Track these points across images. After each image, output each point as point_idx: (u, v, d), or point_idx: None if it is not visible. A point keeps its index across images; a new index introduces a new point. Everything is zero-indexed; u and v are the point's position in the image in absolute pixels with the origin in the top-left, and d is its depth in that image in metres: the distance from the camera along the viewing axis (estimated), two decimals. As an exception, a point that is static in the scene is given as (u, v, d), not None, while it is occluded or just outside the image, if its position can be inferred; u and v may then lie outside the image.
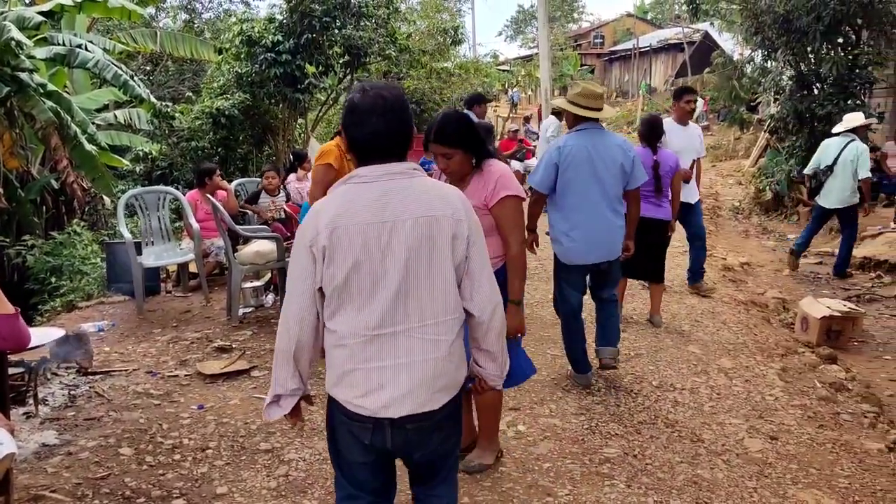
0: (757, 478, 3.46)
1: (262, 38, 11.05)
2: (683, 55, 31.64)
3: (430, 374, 1.98)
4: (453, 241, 1.97)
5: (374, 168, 1.97)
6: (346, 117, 2.02)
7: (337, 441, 2.10)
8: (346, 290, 1.94)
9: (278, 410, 2.13)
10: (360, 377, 1.96)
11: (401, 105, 2.00)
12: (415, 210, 1.94)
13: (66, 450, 3.62)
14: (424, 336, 1.97)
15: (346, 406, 2.00)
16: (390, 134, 1.98)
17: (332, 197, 2.00)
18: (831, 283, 8.20)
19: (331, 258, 1.92)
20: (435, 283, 1.97)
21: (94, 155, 8.75)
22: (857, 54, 11.20)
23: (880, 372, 5.49)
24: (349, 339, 1.96)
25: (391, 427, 1.98)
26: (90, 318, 6.17)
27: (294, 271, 1.99)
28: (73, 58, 8.63)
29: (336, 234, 1.90)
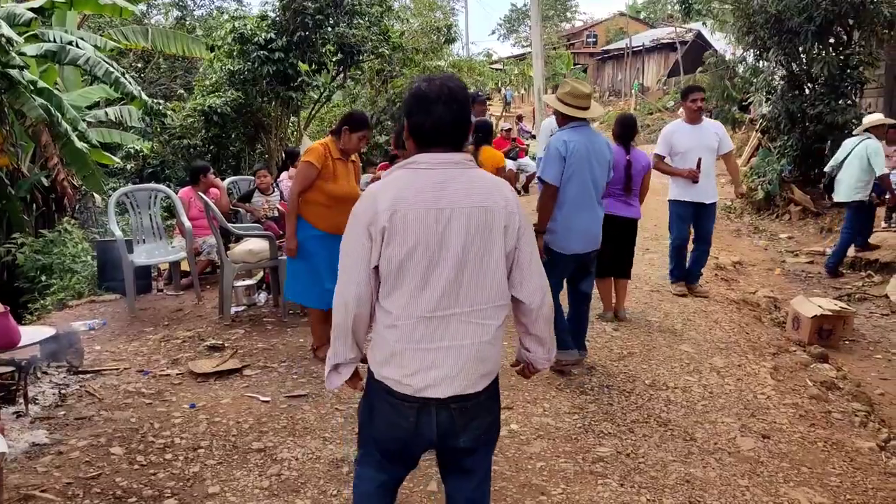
0: (749, 476, 3.47)
1: (255, 36, 11.01)
2: (676, 55, 31.70)
3: (477, 357, 2.05)
4: (505, 231, 2.04)
5: (433, 156, 2.04)
6: (411, 104, 2.08)
7: (374, 422, 2.15)
8: (403, 272, 1.99)
9: (338, 378, 2.20)
10: (410, 357, 2.01)
11: (464, 96, 2.08)
12: (471, 200, 2.01)
13: (56, 449, 3.59)
14: (474, 320, 2.04)
15: (391, 386, 2.05)
16: (453, 123, 2.05)
17: (390, 180, 2.05)
18: (822, 282, 8.24)
19: (389, 240, 1.97)
20: (487, 270, 2.03)
21: (85, 152, 8.69)
22: (849, 55, 11.25)
23: (871, 371, 5.52)
24: (403, 320, 2.01)
25: (437, 408, 2.03)
26: (81, 316, 6.14)
27: (350, 250, 2.04)
28: (64, 55, 8.58)
29: (396, 217, 1.96)
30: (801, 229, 11.31)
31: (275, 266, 6.02)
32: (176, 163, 11.76)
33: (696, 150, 6.26)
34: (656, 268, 7.80)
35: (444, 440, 2.10)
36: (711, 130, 6.38)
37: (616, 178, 5.48)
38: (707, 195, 6.35)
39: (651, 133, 26.98)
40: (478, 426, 2.12)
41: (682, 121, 6.45)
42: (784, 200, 12.39)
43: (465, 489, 2.26)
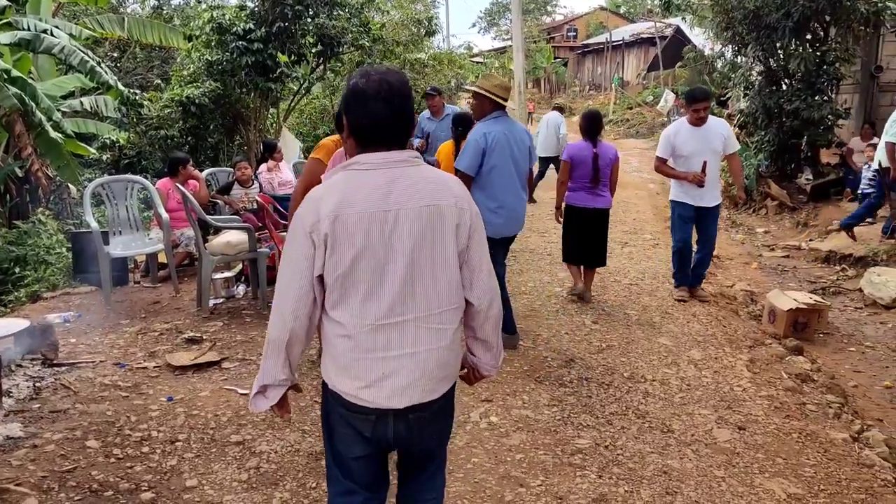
0: (725, 467, 3.52)
1: (234, 26, 10.88)
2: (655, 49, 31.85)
3: (435, 364, 1.97)
4: (457, 230, 1.95)
5: (376, 155, 1.93)
6: (348, 102, 1.96)
7: (334, 435, 2.07)
8: (350, 279, 1.89)
9: (265, 402, 2.08)
10: (364, 367, 1.93)
11: (405, 91, 1.96)
12: (419, 199, 1.91)
13: (31, 442, 3.55)
14: (429, 325, 1.96)
15: (346, 398, 1.97)
16: (394, 120, 1.93)
17: (332, 183, 1.94)
18: (798, 275, 8.34)
19: (333, 246, 1.87)
20: (440, 271, 1.95)
21: (60, 142, 8.55)
22: (825, 51, 11.37)
23: (844, 363, 5.60)
24: (354, 329, 1.91)
25: (394, 417, 1.97)
26: (55, 308, 6.05)
27: (291, 259, 1.93)
28: (39, 43, 8.42)
29: (339, 222, 1.85)
30: (778, 224, 11.44)
31: (253, 258, 5.97)
32: (153, 154, 11.60)
33: (701, 153, 6.01)
34: (635, 261, 7.86)
35: (399, 446, 2.07)
36: (716, 132, 6.08)
37: (584, 171, 5.92)
38: (709, 199, 6.15)
39: (630, 128, 27.17)
40: (433, 431, 2.09)
41: (686, 121, 6.16)
42: (761, 195, 12.52)
43: (419, 480, 2.24)
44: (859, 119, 12.59)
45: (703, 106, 5.96)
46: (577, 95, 37.87)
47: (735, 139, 6.20)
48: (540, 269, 7.07)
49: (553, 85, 41.90)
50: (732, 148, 6.13)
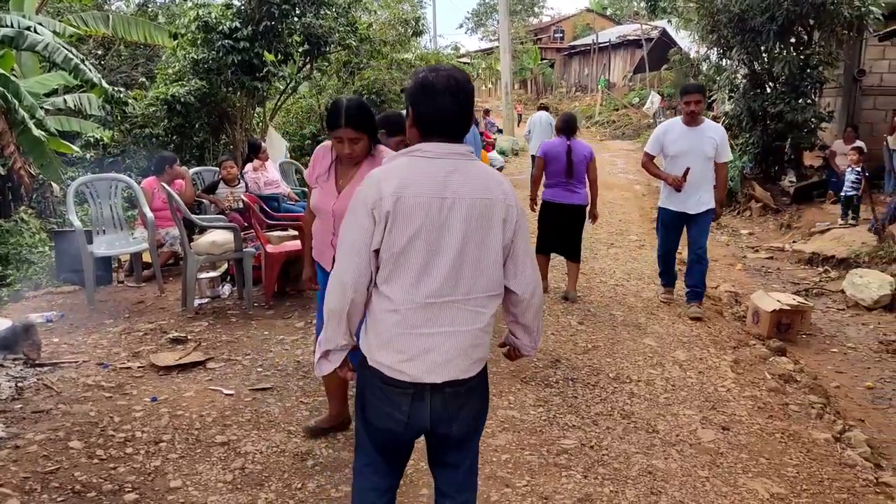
0: (709, 467, 3.54)
1: (220, 25, 10.81)
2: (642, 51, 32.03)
3: (471, 344, 2.09)
4: (504, 224, 2.08)
5: (438, 145, 2.06)
6: (416, 93, 2.08)
7: (368, 409, 2.16)
8: (403, 257, 2.01)
9: (329, 365, 2.19)
10: (407, 342, 2.04)
11: (469, 88, 2.10)
12: (473, 191, 2.04)
13: (13, 443, 3.51)
14: (470, 308, 2.08)
15: (386, 372, 2.07)
16: (458, 114, 2.07)
17: (394, 166, 2.06)
18: (781, 277, 8.42)
19: (392, 224, 1.98)
20: (485, 260, 2.07)
21: (43, 140, 8.46)
22: (809, 54, 11.48)
23: (827, 364, 5.66)
24: (403, 305, 2.03)
25: (431, 392, 2.07)
26: (38, 308, 5.99)
27: (352, 232, 2.04)
28: (22, 40, 8.33)
29: (400, 203, 1.97)
30: (762, 225, 11.54)
31: (239, 258, 5.94)
32: (137, 152, 11.51)
33: (688, 155, 5.75)
34: (620, 262, 7.89)
35: (436, 426, 2.12)
36: (709, 136, 5.75)
37: (559, 167, 6.13)
38: (692, 205, 5.85)
39: (616, 129, 27.28)
40: (468, 412, 2.16)
41: (680, 120, 5.93)
42: (745, 197, 12.62)
43: (454, 478, 2.28)
44: (842, 122, 12.72)
45: (694, 99, 5.70)
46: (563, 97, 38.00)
47: (728, 148, 5.92)
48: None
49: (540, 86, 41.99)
50: (724, 157, 5.83)
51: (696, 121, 5.80)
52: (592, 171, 6.25)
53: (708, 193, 5.86)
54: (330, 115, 3.14)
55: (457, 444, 2.22)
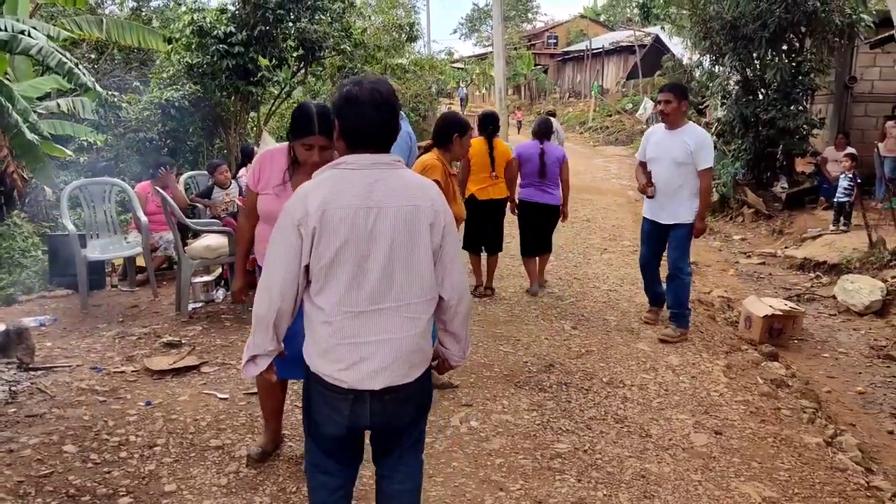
0: (702, 471, 3.56)
1: (214, 29, 10.83)
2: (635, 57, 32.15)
3: (408, 349, 2.13)
4: (431, 229, 2.12)
5: (363, 157, 2.10)
6: (342, 107, 2.12)
7: (313, 412, 2.23)
8: (333, 268, 2.05)
9: (255, 368, 2.24)
10: (343, 352, 2.09)
11: (394, 100, 2.15)
12: (399, 199, 2.08)
13: (6, 447, 3.50)
14: (404, 314, 2.12)
15: (326, 379, 2.12)
16: (383, 126, 2.11)
17: (320, 180, 2.11)
18: (773, 282, 8.46)
19: (319, 238, 2.03)
20: (414, 266, 2.11)
21: (36, 144, 8.43)
22: (801, 61, 11.57)
23: (818, 369, 5.70)
24: (335, 315, 2.08)
25: (371, 398, 2.12)
26: (31, 312, 5.97)
27: (278, 248, 2.09)
28: (16, 44, 8.31)
29: (326, 216, 2.02)
30: (754, 231, 11.60)
31: (233, 262, 5.93)
32: (131, 156, 11.49)
33: (660, 160, 5.44)
34: (614, 268, 7.92)
35: (376, 425, 2.20)
36: (683, 139, 5.29)
37: (532, 168, 6.54)
38: (664, 216, 5.49)
39: (610, 135, 27.36)
40: (408, 412, 2.23)
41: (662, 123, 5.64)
42: (738, 203, 12.68)
43: (397, 468, 2.35)
44: (833, 129, 12.81)
45: (663, 98, 5.35)
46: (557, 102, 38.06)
47: (707, 154, 5.29)
48: (520, 275, 7.11)
49: (533, 92, 42.11)
50: (701, 163, 5.27)
51: (674, 123, 5.38)
52: (565, 173, 6.65)
53: (684, 205, 5.39)
54: (299, 121, 3.03)
55: (395, 436, 2.29)
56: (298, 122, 3.04)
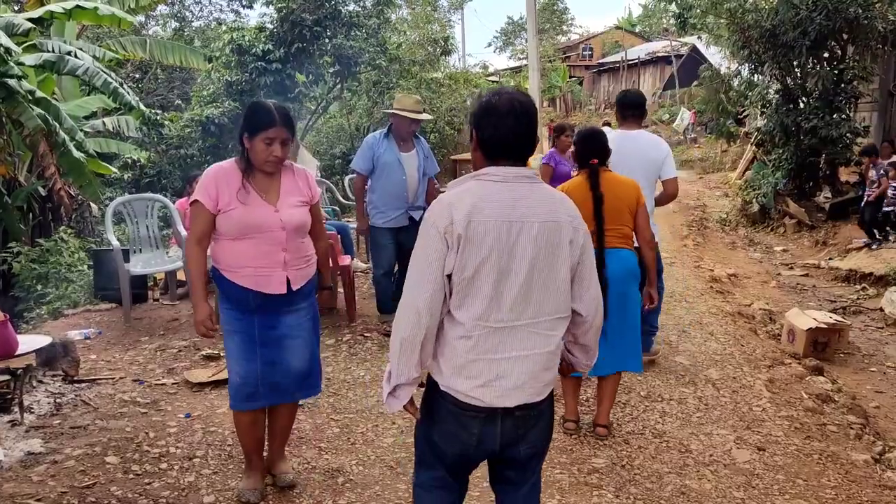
0: (744, 488, 3.48)
1: (253, 47, 11.06)
2: (671, 68, 31.91)
3: (542, 367, 2.09)
4: (570, 246, 2.08)
5: (505, 169, 2.06)
6: (480, 117, 2.09)
7: (436, 431, 2.16)
8: (475, 282, 2.00)
9: (397, 402, 2.15)
10: (481, 367, 2.04)
11: (533, 110, 2.10)
12: (541, 214, 2.04)
13: (51, 458, 3.58)
14: (540, 331, 2.08)
15: (458, 397, 2.06)
16: (522, 137, 2.07)
17: (463, 190, 2.05)
18: (817, 294, 8.27)
19: (464, 248, 1.98)
20: (553, 282, 2.07)
21: (83, 162, 8.68)
22: (843, 69, 11.34)
23: (866, 383, 5.54)
24: (475, 330, 2.03)
25: (503, 416, 2.07)
26: (76, 325, 6.12)
27: (424, 257, 2.02)
28: (63, 65, 8.59)
29: (472, 226, 1.98)
30: (796, 242, 11.37)
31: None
32: (173, 172, 11.76)
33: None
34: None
35: (504, 449, 2.14)
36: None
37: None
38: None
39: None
40: (536, 434, 2.17)
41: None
42: (779, 213, 12.46)
43: (516, 496, 2.29)
44: (878, 137, 12.51)
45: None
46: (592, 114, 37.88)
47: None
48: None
49: (568, 104, 41.96)
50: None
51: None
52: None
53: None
54: (257, 115, 2.93)
55: (522, 465, 2.22)
56: (257, 115, 2.94)
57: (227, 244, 3.03)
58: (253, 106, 2.99)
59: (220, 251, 3.06)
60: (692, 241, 10.97)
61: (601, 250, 3.68)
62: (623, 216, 3.85)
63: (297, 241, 3.09)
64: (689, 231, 11.78)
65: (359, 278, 7.45)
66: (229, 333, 3.11)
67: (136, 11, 11.00)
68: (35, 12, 8.69)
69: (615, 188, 3.84)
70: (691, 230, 11.91)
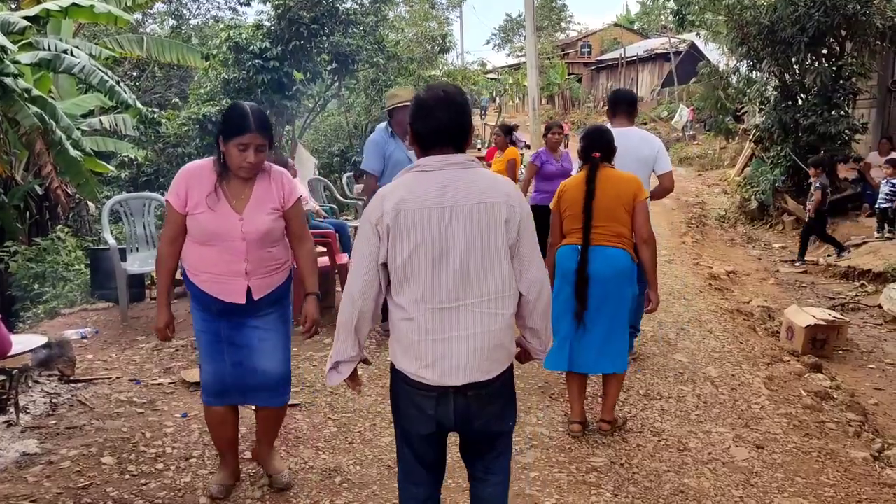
0: (743, 486, 3.47)
1: (250, 45, 11.04)
2: (670, 65, 31.87)
3: (490, 345, 2.18)
4: (506, 225, 2.16)
5: (436, 158, 2.18)
6: (413, 112, 2.22)
7: (400, 412, 2.29)
8: (410, 267, 2.13)
9: (338, 376, 2.31)
10: (425, 348, 2.15)
11: (462, 100, 2.22)
12: (473, 196, 2.14)
13: (47, 459, 3.56)
14: (485, 310, 2.17)
15: (410, 377, 2.19)
16: (451, 126, 2.18)
17: (397, 183, 2.20)
18: (816, 291, 8.26)
19: (395, 237, 2.11)
20: (492, 262, 2.16)
21: (79, 160, 8.66)
22: (841, 66, 11.31)
23: (864, 381, 5.53)
24: (416, 312, 2.14)
25: (454, 395, 2.17)
26: (73, 325, 6.10)
27: (359, 248, 2.18)
28: (59, 63, 8.56)
29: (401, 216, 2.10)
30: (795, 239, 11.33)
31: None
32: (170, 171, 11.73)
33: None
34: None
35: (461, 425, 2.24)
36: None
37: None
38: None
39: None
40: (493, 411, 2.26)
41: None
42: (777, 210, 12.44)
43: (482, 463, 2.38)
44: (877, 134, 12.49)
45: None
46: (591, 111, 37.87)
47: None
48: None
49: (567, 101, 41.92)
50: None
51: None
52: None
53: None
54: (232, 120, 2.82)
55: (485, 440, 2.32)
56: (232, 120, 2.83)
57: (194, 247, 2.99)
58: (229, 109, 2.90)
59: (187, 253, 3.03)
60: (691, 238, 10.96)
61: (585, 248, 3.67)
62: (617, 214, 3.74)
63: (262, 250, 2.96)
64: (687, 228, 11.77)
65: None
66: (197, 333, 3.12)
67: (133, 9, 10.97)
68: (31, 10, 8.67)
69: (612, 185, 3.75)
70: (690, 227, 11.90)
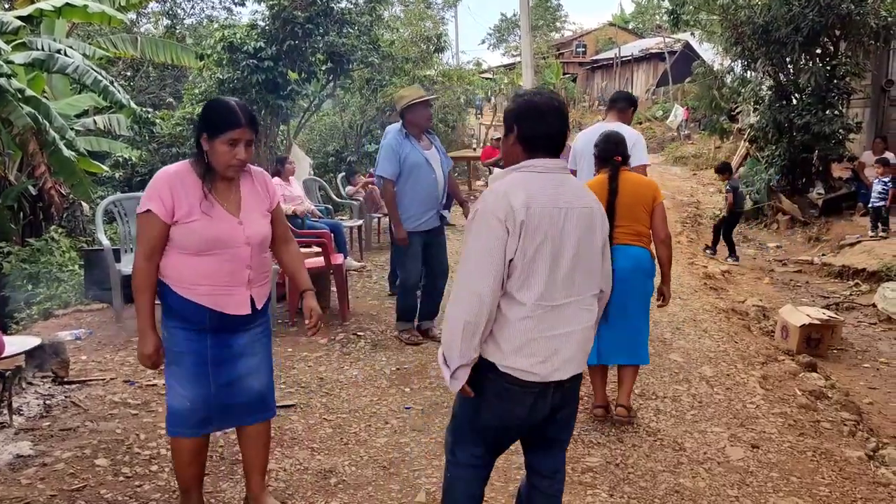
0: (738, 486, 3.47)
1: (245, 45, 11.00)
2: (664, 64, 31.91)
3: (586, 339, 2.33)
4: (601, 230, 2.34)
5: (547, 161, 2.27)
6: (523, 113, 2.29)
7: (484, 409, 2.31)
8: (534, 264, 2.18)
9: (458, 383, 2.27)
10: (540, 345, 2.21)
11: (566, 110, 2.35)
12: (579, 200, 2.28)
13: (40, 461, 3.54)
14: (584, 306, 2.31)
15: (517, 375, 2.22)
16: (560, 133, 2.29)
17: (514, 180, 2.25)
18: (811, 290, 8.28)
19: (525, 233, 2.16)
20: (593, 261, 2.32)
21: (73, 161, 8.62)
22: (835, 65, 11.34)
23: (859, 380, 5.54)
24: (536, 310, 2.20)
25: (555, 389, 2.27)
26: (67, 326, 6.07)
27: (485, 244, 2.17)
28: (52, 63, 8.52)
29: (530, 213, 2.16)
30: (790, 238, 11.38)
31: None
32: (165, 171, 11.71)
33: None
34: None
35: (548, 417, 2.32)
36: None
37: None
38: None
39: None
40: (574, 403, 2.43)
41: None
42: (772, 210, 12.47)
43: (552, 458, 2.49)
44: (871, 133, 12.53)
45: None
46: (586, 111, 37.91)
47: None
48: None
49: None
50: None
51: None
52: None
53: None
54: (219, 115, 2.64)
55: (565, 429, 2.46)
56: (220, 116, 2.63)
57: (182, 258, 2.67)
58: (213, 104, 2.69)
59: (172, 265, 2.69)
60: (686, 237, 10.98)
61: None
62: (637, 214, 4.00)
63: (261, 256, 2.84)
64: (682, 227, 11.79)
65: (352, 277, 7.43)
66: (177, 355, 2.77)
67: (127, 9, 10.92)
68: (24, 10, 8.62)
69: (632, 187, 4.01)
70: (685, 227, 11.92)
